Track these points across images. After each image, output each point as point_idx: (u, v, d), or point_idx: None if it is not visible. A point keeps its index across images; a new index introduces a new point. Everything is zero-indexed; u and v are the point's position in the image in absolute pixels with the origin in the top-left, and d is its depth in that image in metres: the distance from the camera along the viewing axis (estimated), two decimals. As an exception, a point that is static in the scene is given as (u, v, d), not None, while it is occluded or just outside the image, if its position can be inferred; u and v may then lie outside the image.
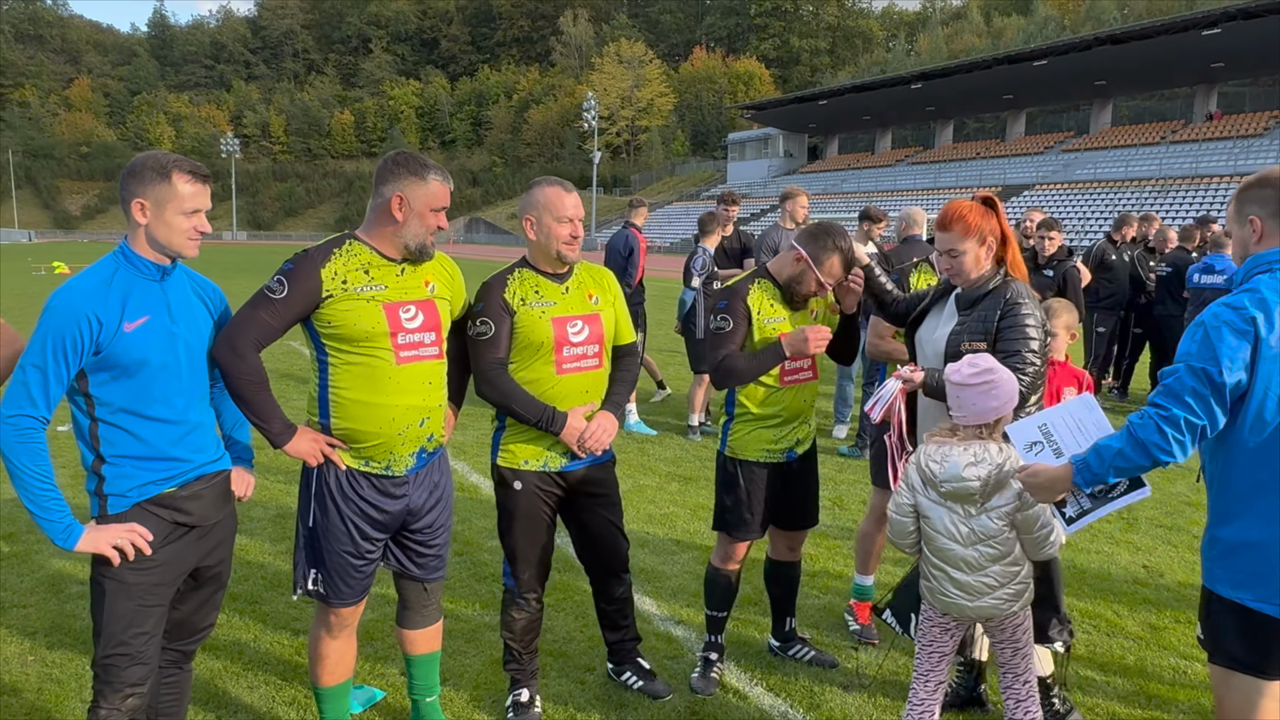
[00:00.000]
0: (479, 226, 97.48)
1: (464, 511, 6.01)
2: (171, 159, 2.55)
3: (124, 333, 2.46)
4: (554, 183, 3.36)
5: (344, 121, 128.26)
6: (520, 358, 3.31)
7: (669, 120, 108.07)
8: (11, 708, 3.53)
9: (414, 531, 3.11)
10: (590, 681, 3.84)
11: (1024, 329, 3.08)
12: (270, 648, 4.08)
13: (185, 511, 2.64)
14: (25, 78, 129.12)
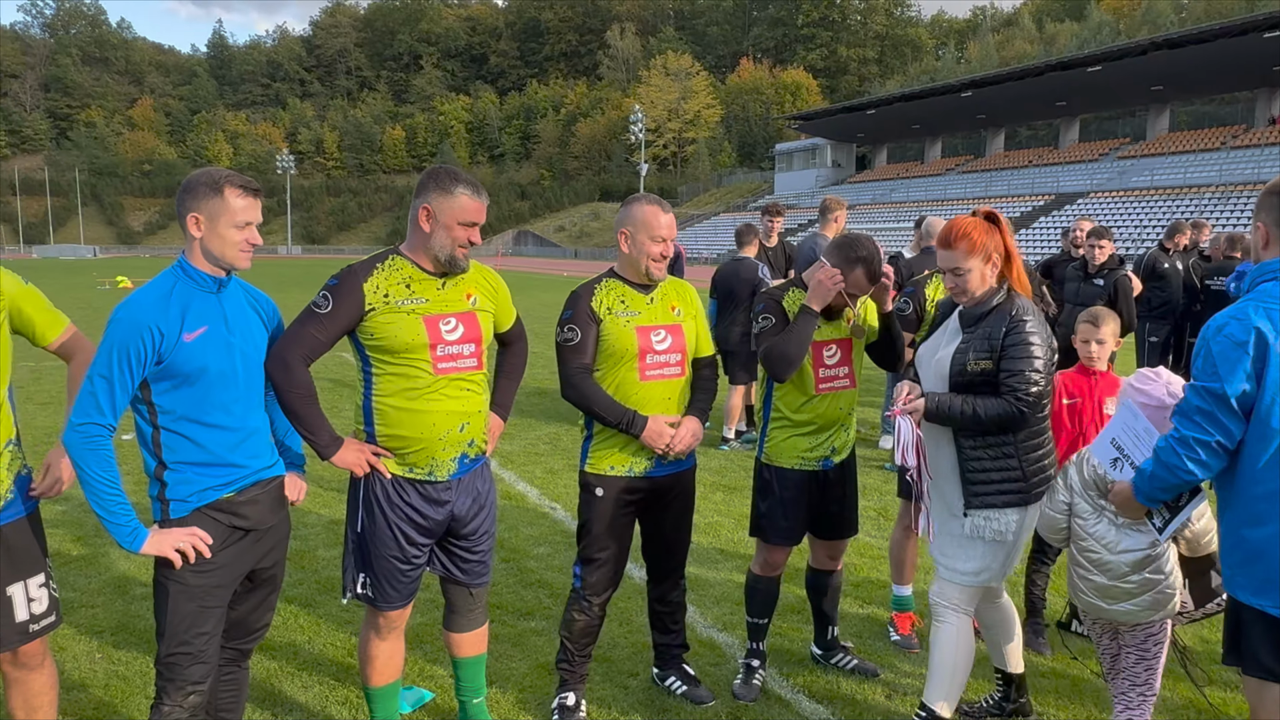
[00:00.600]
0: (527, 239, 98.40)
1: (511, 519, 6.11)
2: (223, 174, 2.67)
3: (184, 343, 2.59)
4: (653, 201, 3.46)
5: (395, 137, 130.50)
6: (606, 364, 3.42)
7: (716, 132, 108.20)
8: (80, 703, 3.68)
9: (459, 538, 3.19)
10: (634, 686, 3.89)
11: (1028, 346, 3.05)
12: (324, 650, 4.20)
13: (242, 516, 2.75)
14: (91, 99, 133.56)
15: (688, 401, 3.58)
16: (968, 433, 3.14)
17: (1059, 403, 4.22)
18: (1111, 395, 4.14)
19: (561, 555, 5.47)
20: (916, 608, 4.52)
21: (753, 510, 3.87)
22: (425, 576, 3.33)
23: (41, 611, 2.82)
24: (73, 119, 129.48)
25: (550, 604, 4.74)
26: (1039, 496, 3.22)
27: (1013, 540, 3.21)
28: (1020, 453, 3.15)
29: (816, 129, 77.94)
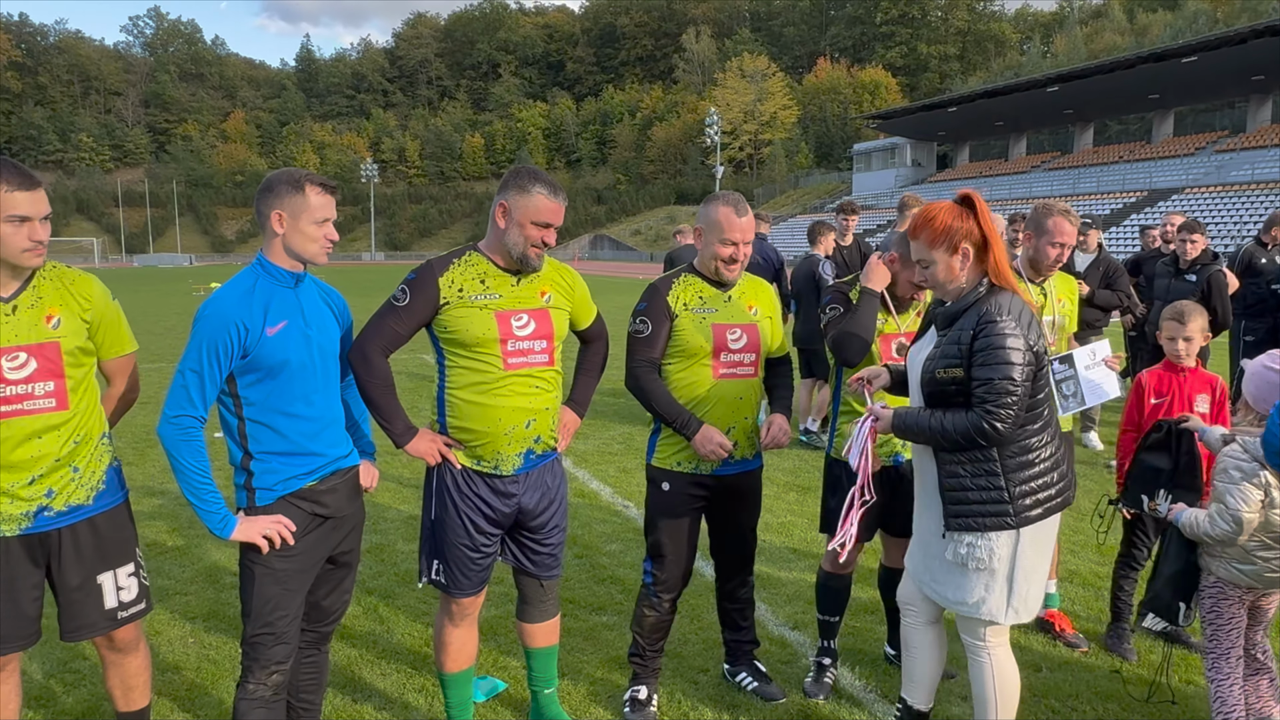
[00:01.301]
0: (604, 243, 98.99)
1: (584, 517, 6.17)
2: (303, 173, 2.79)
3: (267, 336, 2.70)
4: (728, 203, 3.43)
5: (474, 144, 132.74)
6: (680, 360, 3.44)
7: (793, 133, 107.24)
8: (174, 684, 3.86)
9: (529, 531, 3.25)
10: (704, 682, 3.90)
11: (999, 351, 2.66)
12: (401, 639, 4.31)
13: (323, 504, 2.86)
14: (188, 113, 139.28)
15: (765, 400, 3.58)
16: (953, 447, 2.81)
17: (1146, 402, 4.09)
18: (1202, 392, 3.99)
19: (633, 552, 5.50)
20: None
21: (823, 507, 3.84)
22: (499, 569, 3.40)
23: (130, 599, 2.96)
24: (170, 133, 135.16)
25: (622, 599, 4.77)
26: (1031, 522, 2.80)
27: (1008, 570, 2.82)
28: (1005, 471, 2.77)
29: (896, 128, 76.64)
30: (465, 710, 3.39)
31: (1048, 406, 2.84)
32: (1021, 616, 2.87)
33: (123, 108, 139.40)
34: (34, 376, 2.68)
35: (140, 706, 3.14)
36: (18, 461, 2.68)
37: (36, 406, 2.69)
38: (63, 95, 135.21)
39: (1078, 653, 4.17)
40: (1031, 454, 2.80)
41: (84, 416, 2.82)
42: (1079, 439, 8.37)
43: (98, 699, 3.72)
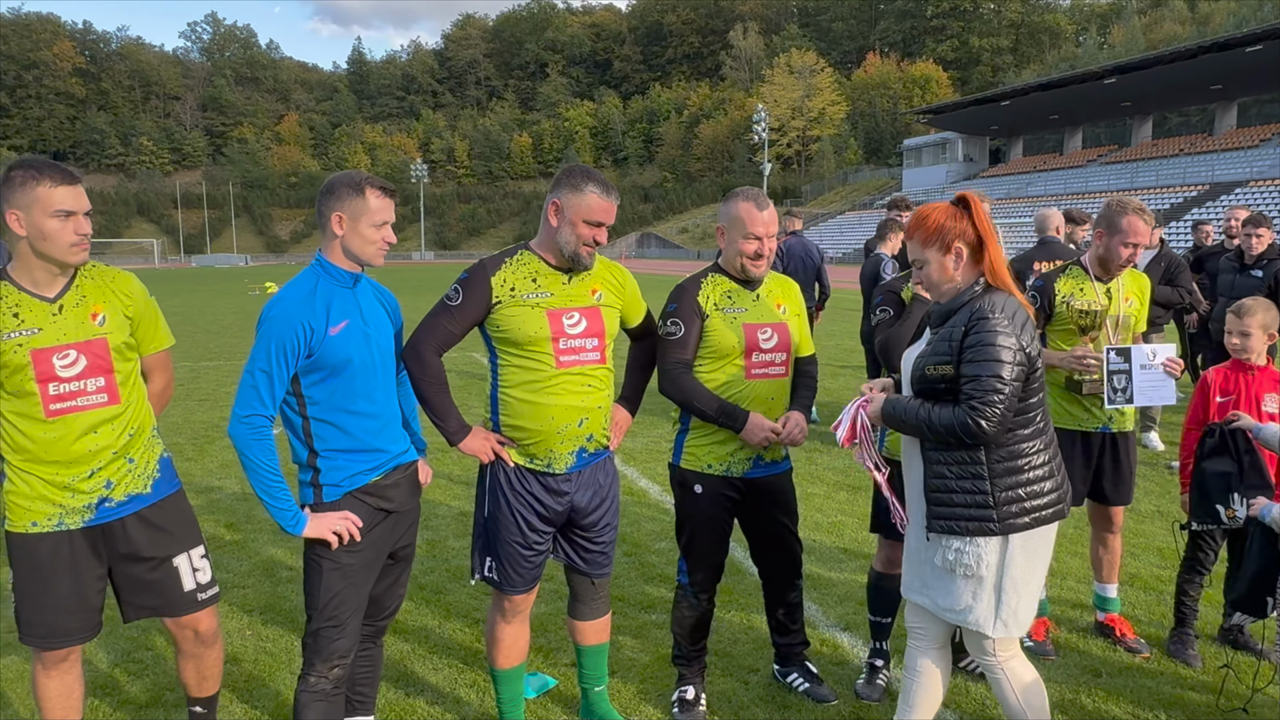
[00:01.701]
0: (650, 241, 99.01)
1: (633, 515, 6.17)
2: (363, 176, 2.82)
3: (330, 336, 2.75)
4: (748, 198, 3.40)
5: (522, 144, 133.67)
6: (711, 361, 3.41)
7: (841, 129, 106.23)
8: (233, 675, 3.93)
9: (581, 529, 3.25)
10: (754, 682, 3.88)
11: (989, 349, 2.59)
12: (453, 635, 4.35)
13: (387, 499, 2.91)
14: (244, 116, 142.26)
15: (790, 400, 3.54)
16: (933, 443, 2.76)
17: (1212, 400, 3.97)
18: (1271, 391, 3.86)
19: (683, 551, 5.48)
20: (1050, 613, 4.33)
21: (873, 506, 3.80)
22: (550, 566, 3.41)
23: (206, 581, 3.05)
24: (227, 136, 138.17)
25: (671, 598, 4.75)
26: (1018, 530, 2.69)
27: (996, 578, 2.72)
28: (991, 475, 2.67)
29: (947, 122, 75.53)
30: (517, 706, 3.41)
31: (1041, 413, 2.75)
32: (1011, 630, 2.76)
33: (181, 112, 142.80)
34: (85, 373, 2.76)
35: (211, 694, 3.23)
36: (77, 456, 2.76)
37: (90, 402, 2.78)
38: (124, 100, 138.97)
39: (1139, 658, 4.07)
40: (1020, 460, 2.70)
41: (135, 409, 2.90)
42: (1139, 439, 8.17)
43: (160, 688, 3.82)
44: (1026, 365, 2.64)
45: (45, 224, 2.65)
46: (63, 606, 2.82)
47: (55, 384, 2.72)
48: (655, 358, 3.51)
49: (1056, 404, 4.12)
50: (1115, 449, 4.11)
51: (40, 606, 2.81)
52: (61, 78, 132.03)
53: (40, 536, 2.78)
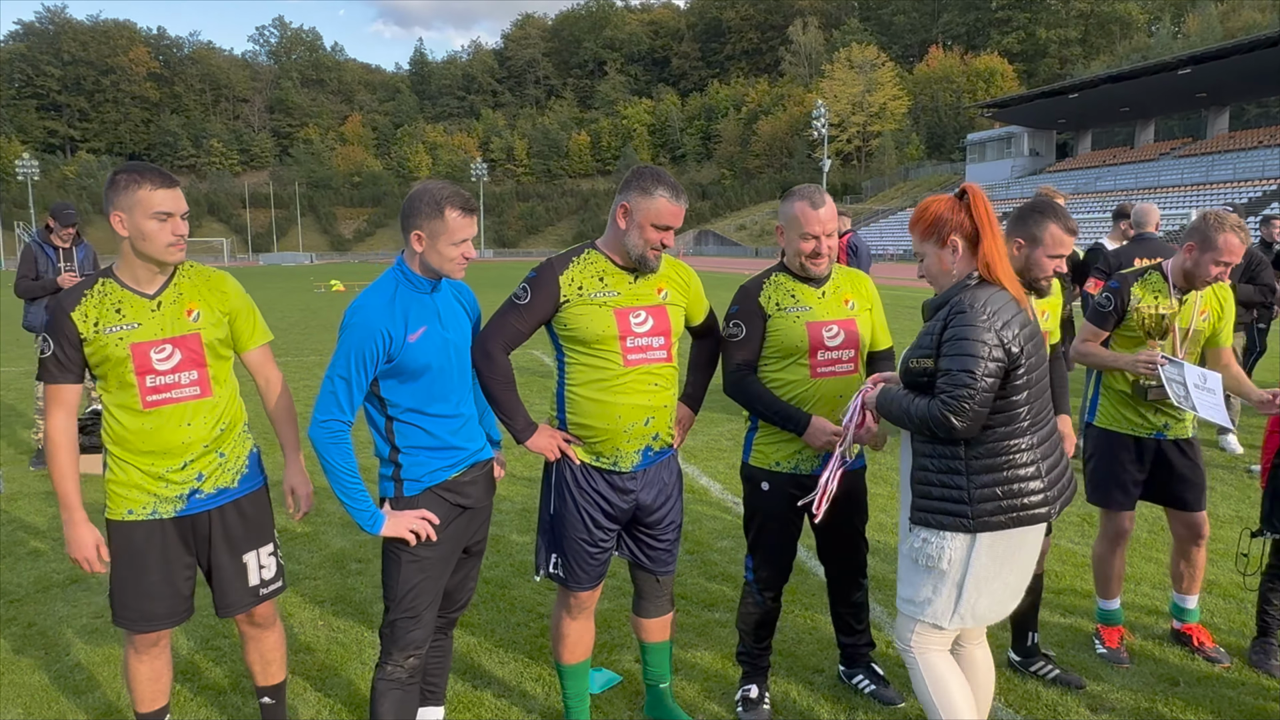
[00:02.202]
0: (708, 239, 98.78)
1: (694, 513, 6.18)
2: (445, 195, 2.82)
3: (409, 343, 2.80)
4: (804, 196, 3.35)
5: (581, 142, 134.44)
6: (776, 361, 3.39)
7: (903, 124, 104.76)
8: (306, 664, 4.04)
9: (646, 526, 3.27)
10: (819, 682, 3.86)
11: (962, 342, 2.56)
12: (518, 628, 4.41)
13: (464, 495, 2.97)
14: (309, 118, 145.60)
15: None
16: (921, 435, 2.76)
17: None
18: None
19: (744, 550, 5.45)
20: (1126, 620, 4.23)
21: None
22: (613, 563, 3.43)
23: (270, 577, 3.14)
24: (293, 137, 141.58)
25: (734, 596, 4.76)
26: (992, 528, 2.65)
27: (959, 575, 2.70)
28: (969, 470, 2.65)
29: (1012, 116, 73.96)
30: (582, 701, 3.44)
31: (1027, 411, 2.66)
32: (967, 622, 2.78)
33: (249, 113, 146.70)
34: (179, 366, 2.87)
35: (277, 681, 3.31)
36: (170, 447, 2.87)
37: (183, 395, 2.88)
38: (195, 103, 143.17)
39: (1218, 668, 3.95)
40: (1000, 457, 2.66)
41: (226, 405, 3.00)
42: (1215, 441, 7.92)
43: (238, 675, 3.93)
44: (1005, 361, 2.58)
45: (145, 225, 2.76)
46: (154, 592, 2.93)
47: (152, 376, 2.84)
48: (717, 356, 3.50)
49: (1113, 407, 4.02)
50: (1178, 455, 3.99)
51: (133, 592, 2.93)
52: (137, 82, 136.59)
53: (135, 524, 2.90)
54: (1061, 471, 2.77)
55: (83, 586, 4.97)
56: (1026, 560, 2.78)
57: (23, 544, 5.68)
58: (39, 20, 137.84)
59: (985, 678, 3.01)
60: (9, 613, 4.63)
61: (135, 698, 3.09)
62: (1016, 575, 2.78)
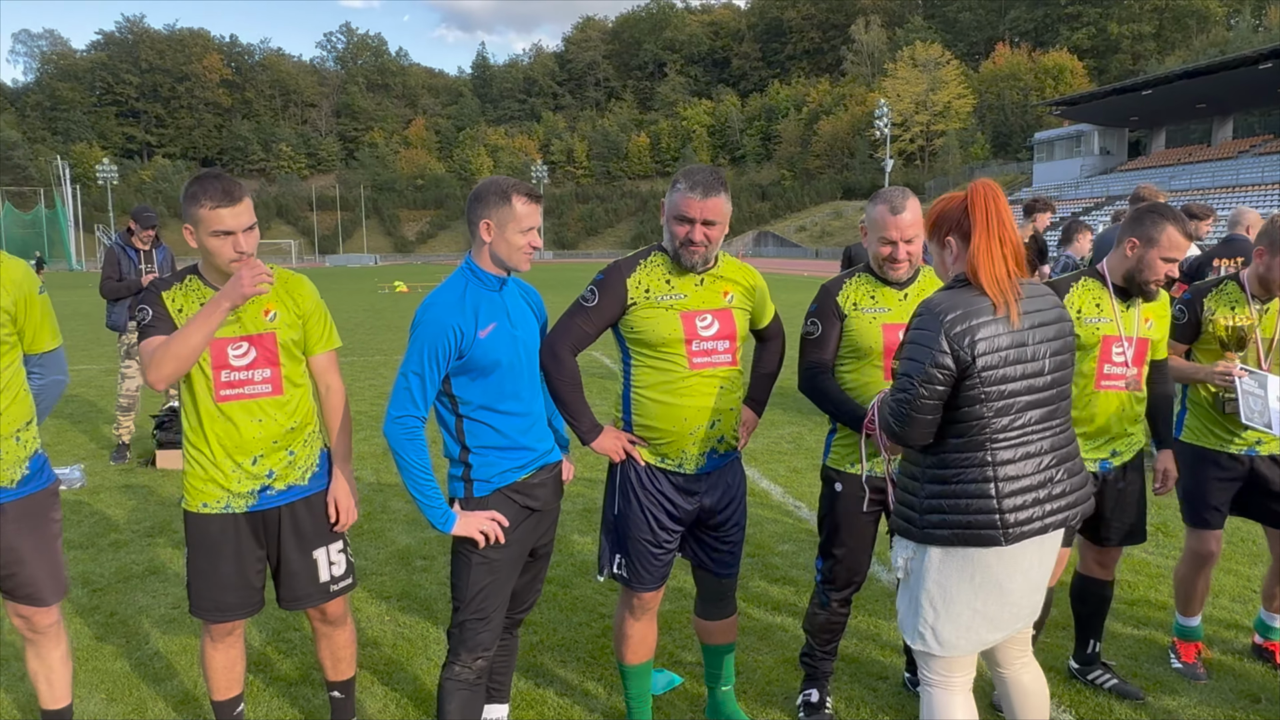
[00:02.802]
0: (768, 240, 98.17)
1: (755, 516, 6.15)
2: (511, 183, 2.89)
3: (479, 339, 2.84)
4: (887, 200, 3.30)
5: (640, 144, 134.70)
6: (851, 361, 3.37)
7: (968, 123, 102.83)
8: (373, 659, 4.12)
9: (710, 528, 3.27)
10: (883, 689, 3.81)
11: (907, 345, 2.52)
12: (580, 628, 4.44)
13: (534, 497, 3.00)
14: (374, 121, 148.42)
15: None
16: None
17: None
18: None
19: (806, 554, 5.44)
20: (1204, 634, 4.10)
21: None
22: (675, 564, 3.43)
23: (340, 574, 3.21)
24: (358, 140, 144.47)
25: (795, 600, 4.73)
26: (936, 542, 2.53)
27: (917, 590, 2.61)
28: (923, 478, 2.58)
29: (1082, 114, 72.04)
30: (644, 702, 3.45)
31: (980, 426, 2.48)
32: (931, 647, 2.60)
33: (317, 118, 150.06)
34: (254, 364, 2.96)
35: (347, 676, 3.38)
36: (243, 442, 2.96)
37: (256, 391, 2.97)
38: (265, 109, 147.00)
39: (1303, 685, 3.81)
40: (948, 470, 2.53)
41: (298, 404, 3.07)
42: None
43: (307, 668, 4.03)
44: (952, 370, 2.43)
45: (208, 242, 2.84)
46: (227, 584, 3.02)
47: (227, 371, 2.92)
48: (781, 359, 3.49)
49: (1199, 422, 3.88)
50: (1275, 471, 3.82)
51: (208, 583, 3.02)
52: (210, 88, 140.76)
53: (210, 517, 2.99)
54: (1039, 499, 2.50)
55: (161, 578, 5.14)
56: (1000, 586, 2.53)
57: (104, 536, 5.89)
58: (119, 30, 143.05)
59: (1033, 705, 2.78)
60: (92, 601, 4.81)
61: (211, 686, 3.19)
62: (991, 603, 2.54)
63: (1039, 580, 2.62)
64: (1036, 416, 2.51)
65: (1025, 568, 2.55)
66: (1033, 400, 2.51)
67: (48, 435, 9.11)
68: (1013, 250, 2.51)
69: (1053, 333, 2.55)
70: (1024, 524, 2.48)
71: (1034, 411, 2.51)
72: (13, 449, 2.92)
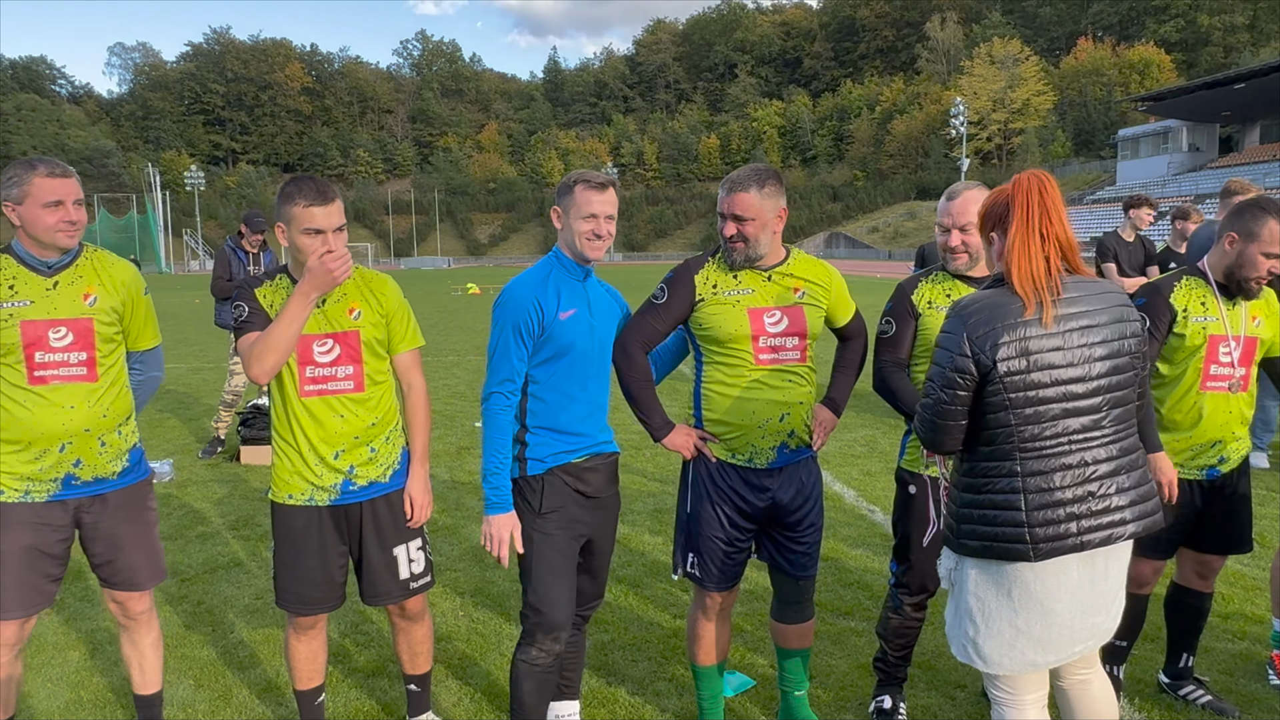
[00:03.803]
0: (839, 241, 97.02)
1: (829, 520, 5.99)
2: (578, 174, 3.02)
3: (559, 320, 2.96)
4: (952, 193, 3.30)
5: (710, 146, 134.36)
6: (926, 360, 3.32)
7: (1047, 120, 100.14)
8: (447, 652, 4.18)
9: (785, 527, 3.23)
10: (960, 699, 3.72)
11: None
12: (651, 628, 4.43)
13: (585, 481, 3.07)
14: (448, 126, 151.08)
15: None
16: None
17: None
18: None
19: (880, 558, 5.35)
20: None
21: None
22: (750, 566, 3.40)
23: (419, 571, 3.26)
24: (433, 145, 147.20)
25: (870, 605, 4.65)
26: (971, 553, 2.44)
27: (960, 595, 2.52)
28: (961, 486, 2.49)
29: (1169, 109, 69.51)
30: (716, 704, 3.43)
31: (1008, 434, 2.35)
32: (975, 662, 2.49)
33: (393, 124, 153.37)
34: (338, 361, 3.04)
35: (424, 670, 3.44)
36: (326, 436, 3.03)
37: (338, 387, 3.04)
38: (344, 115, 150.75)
39: None
40: (980, 479, 2.43)
41: (379, 401, 3.13)
42: None
43: (384, 660, 4.11)
44: (973, 374, 2.33)
45: (298, 239, 2.92)
46: (310, 578, 3.10)
47: (312, 367, 3.01)
48: (862, 358, 3.43)
49: None
50: None
51: (293, 576, 3.11)
52: (291, 96, 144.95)
53: (295, 510, 3.08)
54: (1074, 514, 2.33)
55: (245, 570, 5.30)
56: (1042, 604, 2.38)
57: (192, 528, 6.10)
58: (206, 41, 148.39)
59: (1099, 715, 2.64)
60: (180, 591, 4.98)
61: (294, 675, 3.27)
62: (1036, 623, 2.39)
63: (1092, 602, 2.42)
64: (1076, 426, 2.34)
65: (1071, 587, 2.38)
66: (1071, 409, 2.33)
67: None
68: (1057, 246, 2.37)
69: (1103, 335, 2.36)
70: (1055, 540, 2.33)
71: (1072, 420, 2.33)
72: (115, 442, 3.08)
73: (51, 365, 2.93)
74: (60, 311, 2.95)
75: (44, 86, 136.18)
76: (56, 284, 2.97)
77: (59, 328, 2.94)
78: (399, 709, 3.67)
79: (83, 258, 3.05)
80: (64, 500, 3.01)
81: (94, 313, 3.00)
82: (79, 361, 2.97)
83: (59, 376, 2.94)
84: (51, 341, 2.93)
